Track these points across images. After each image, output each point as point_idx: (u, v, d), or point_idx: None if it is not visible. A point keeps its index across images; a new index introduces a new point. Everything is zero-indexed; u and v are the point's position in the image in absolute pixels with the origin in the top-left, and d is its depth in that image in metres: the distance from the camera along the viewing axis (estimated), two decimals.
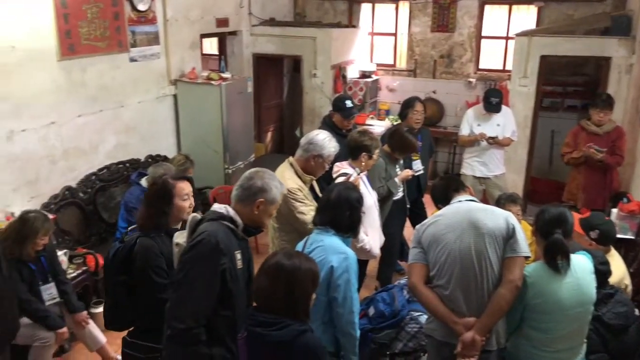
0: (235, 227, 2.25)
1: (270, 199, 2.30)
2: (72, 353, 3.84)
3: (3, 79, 3.89)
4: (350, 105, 4.22)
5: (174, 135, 5.77)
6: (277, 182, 2.34)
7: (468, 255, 2.48)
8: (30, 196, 4.19)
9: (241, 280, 2.23)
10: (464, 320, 2.50)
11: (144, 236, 2.60)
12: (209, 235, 2.13)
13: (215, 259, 2.12)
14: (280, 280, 1.94)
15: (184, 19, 5.68)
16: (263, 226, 2.37)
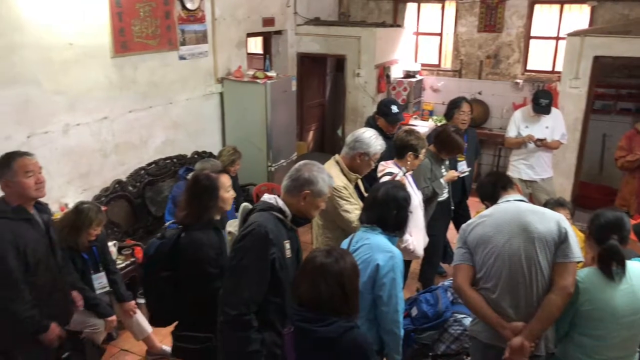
0: (284, 218, 2.31)
1: (317, 191, 2.34)
2: (119, 341, 3.96)
3: (61, 75, 4.05)
4: (396, 111, 4.18)
5: (219, 132, 5.87)
6: (325, 175, 2.37)
7: (517, 259, 2.43)
8: (82, 188, 4.34)
9: (290, 268, 2.30)
10: (512, 325, 2.46)
11: (190, 230, 2.64)
12: (259, 226, 2.22)
13: (265, 248, 2.20)
14: (328, 282, 1.93)
15: (231, 18, 5.77)
16: (310, 217, 2.43)
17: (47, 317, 2.70)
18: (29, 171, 2.58)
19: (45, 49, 3.91)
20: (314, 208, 2.39)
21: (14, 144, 3.65)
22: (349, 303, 1.95)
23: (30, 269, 2.59)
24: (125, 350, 3.88)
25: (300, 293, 1.96)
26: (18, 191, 2.58)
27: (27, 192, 2.60)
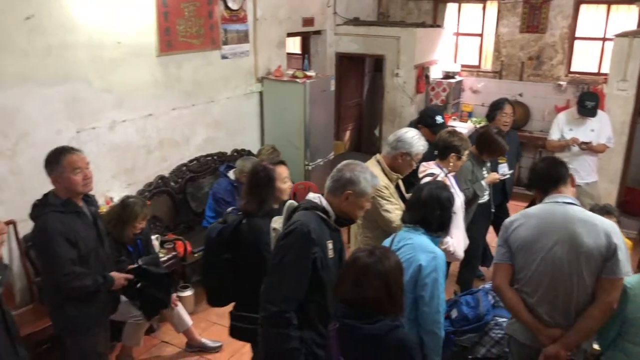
0: (328, 218, 2.32)
1: (359, 191, 2.32)
2: (159, 333, 4.05)
3: (109, 73, 4.18)
4: (441, 122, 4.14)
5: (258, 130, 5.94)
6: (367, 175, 2.35)
7: (560, 270, 2.38)
8: (127, 183, 4.46)
9: (332, 268, 2.30)
10: (550, 331, 2.42)
11: (250, 217, 2.78)
12: (301, 225, 2.22)
13: (307, 247, 2.20)
14: (372, 282, 1.93)
15: (273, 18, 5.83)
16: (354, 217, 2.41)
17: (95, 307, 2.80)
18: (77, 168, 2.66)
19: (95, 47, 4.04)
20: (357, 208, 2.36)
21: (65, 139, 3.78)
22: (394, 302, 1.96)
23: (82, 260, 2.69)
24: (165, 342, 3.97)
25: (344, 292, 1.97)
26: (66, 186, 2.67)
27: (75, 188, 2.69)
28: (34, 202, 2.76)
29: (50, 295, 2.80)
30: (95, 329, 2.83)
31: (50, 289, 2.76)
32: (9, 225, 3.62)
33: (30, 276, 3.74)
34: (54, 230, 2.58)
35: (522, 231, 2.50)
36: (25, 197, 3.58)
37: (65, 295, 2.67)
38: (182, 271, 4.35)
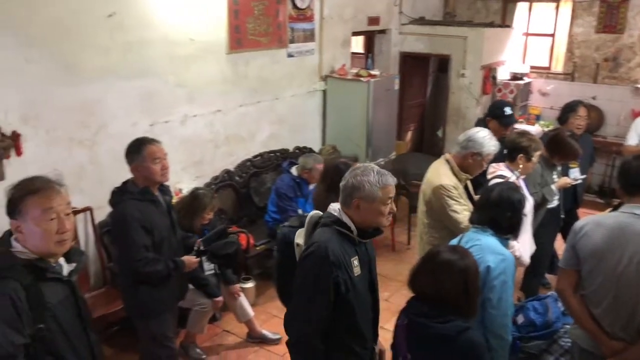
0: (350, 232, 2.13)
1: (366, 196, 2.08)
2: (222, 322, 4.17)
3: (182, 69, 4.34)
4: (509, 113, 4.03)
5: (320, 128, 5.99)
6: (371, 177, 2.09)
7: (627, 289, 2.27)
8: (195, 175, 4.62)
9: (361, 286, 2.16)
10: (613, 343, 2.33)
11: None
12: (319, 247, 2.08)
13: (325, 271, 2.05)
14: (453, 278, 1.92)
15: (338, 17, 5.87)
16: (377, 225, 2.17)
17: (166, 292, 2.92)
18: (156, 158, 2.78)
19: (170, 44, 4.21)
20: (375, 214, 2.11)
21: (139, 131, 3.94)
22: (470, 302, 1.94)
23: (156, 247, 2.81)
24: (227, 331, 4.08)
25: (419, 287, 1.97)
26: (145, 175, 2.80)
27: (154, 177, 2.81)
28: (113, 189, 2.91)
29: (124, 279, 2.94)
30: (165, 314, 2.95)
31: (125, 273, 2.90)
32: (85, 212, 3.85)
33: (103, 261, 3.94)
34: (131, 216, 2.71)
35: (591, 240, 2.37)
36: (103, 185, 3.78)
37: (138, 279, 2.80)
38: (244, 263, 4.45)
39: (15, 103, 3.35)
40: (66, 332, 1.83)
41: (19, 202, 1.80)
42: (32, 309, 1.73)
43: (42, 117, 3.50)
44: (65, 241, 1.85)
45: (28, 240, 1.80)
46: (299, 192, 4.66)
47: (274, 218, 4.72)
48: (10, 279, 1.74)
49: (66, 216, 1.85)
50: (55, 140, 3.60)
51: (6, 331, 1.68)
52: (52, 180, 1.86)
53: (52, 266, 1.84)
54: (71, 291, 1.90)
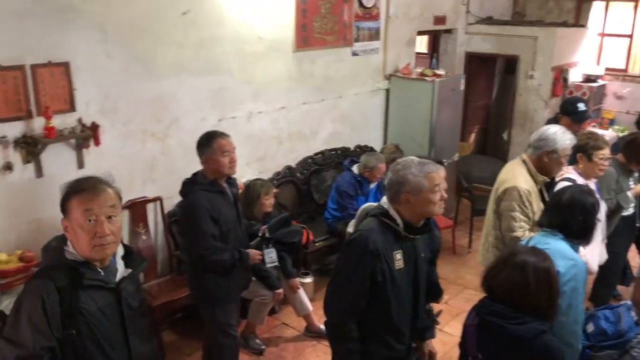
0: (396, 226, 2.13)
1: (413, 188, 2.07)
2: (281, 314, 4.24)
3: (250, 66, 4.44)
4: (583, 109, 3.89)
5: (382, 127, 5.97)
6: (413, 169, 2.09)
7: None
8: (258, 171, 4.72)
9: (401, 280, 2.16)
10: None
11: None
12: (360, 235, 2.12)
13: (364, 260, 2.08)
14: (538, 279, 1.88)
15: (404, 16, 5.83)
16: (430, 214, 2.15)
17: (232, 282, 3.01)
18: (225, 151, 2.89)
19: (239, 41, 4.32)
20: (426, 204, 2.10)
21: (208, 126, 4.06)
22: (552, 304, 1.90)
23: (222, 237, 2.91)
24: (285, 324, 4.14)
25: (495, 287, 1.93)
26: (215, 168, 2.90)
27: (222, 170, 2.91)
28: (184, 180, 3.03)
29: (192, 267, 3.06)
30: (230, 303, 3.04)
31: (193, 262, 3.01)
32: (156, 202, 4.02)
33: (170, 249, 4.10)
34: (200, 206, 2.82)
35: None
36: (173, 176, 3.95)
37: (205, 268, 2.90)
38: (303, 258, 4.51)
39: (96, 96, 3.55)
40: (100, 341, 1.72)
41: (66, 201, 1.74)
42: (64, 313, 1.66)
43: (119, 110, 3.69)
44: (103, 246, 1.72)
45: (73, 241, 1.73)
46: (360, 191, 4.67)
47: (333, 215, 4.75)
48: (47, 279, 1.69)
49: (108, 219, 1.72)
50: (130, 132, 3.78)
51: (32, 331, 1.63)
52: (100, 182, 1.78)
53: (95, 272, 1.74)
54: (116, 299, 1.77)
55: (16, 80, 3.16)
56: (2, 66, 3.09)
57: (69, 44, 3.35)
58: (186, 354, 3.75)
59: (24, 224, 3.34)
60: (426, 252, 2.31)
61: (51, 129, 3.25)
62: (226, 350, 3.08)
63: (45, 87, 3.28)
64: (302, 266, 4.49)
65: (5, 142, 3.17)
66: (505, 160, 6.43)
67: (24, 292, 1.72)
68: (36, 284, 1.71)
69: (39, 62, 3.24)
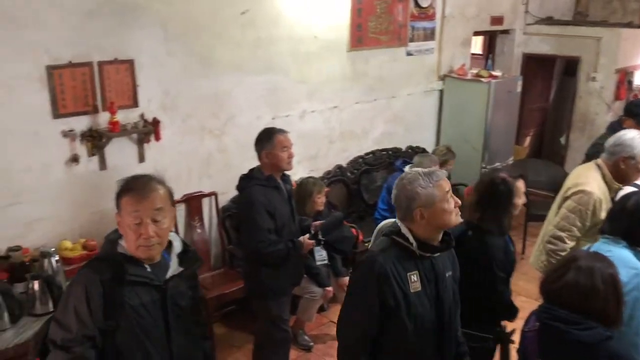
0: (410, 245, 1.95)
1: (425, 202, 1.92)
2: (329, 312, 4.27)
3: (305, 65, 4.49)
4: None
5: (434, 128, 5.91)
6: (421, 181, 1.94)
7: None
8: (310, 169, 4.75)
9: (421, 303, 1.96)
10: None
11: (477, 230, 2.54)
12: (368, 258, 1.99)
13: (371, 284, 1.93)
14: (605, 284, 1.83)
15: (460, 16, 5.74)
16: (448, 226, 1.98)
17: (285, 276, 3.07)
18: (285, 146, 2.96)
19: (294, 41, 4.38)
20: (441, 216, 1.93)
21: (263, 124, 4.10)
22: (619, 310, 1.84)
23: (277, 231, 2.96)
24: (333, 322, 4.15)
25: (559, 292, 1.88)
26: (273, 163, 2.96)
27: (281, 165, 2.97)
28: (241, 175, 3.10)
29: (247, 260, 3.13)
30: (283, 297, 3.09)
31: (248, 255, 3.08)
32: (211, 196, 4.12)
33: (224, 243, 4.20)
34: (257, 200, 2.88)
35: None
36: (228, 172, 4.05)
37: (260, 261, 2.96)
38: (352, 258, 4.51)
39: (158, 93, 3.67)
40: (140, 336, 1.74)
41: (118, 198, 1.77)
42: (107, 305, 1.69)
43: (179, 107, 3.81)
44: (148, 247, 1.74)
45: (123, 236, 1.78)
46: None
47: (383, 216, 4.72)
48: (93, 271, 1.73)
49: (154, 222, 1.73)
50: (189, 128, 3.89)
51: (76, 319, 1.68)
52: (151, 181, 1.79)
53: (140, 268, 1.76)
54: (161, 297, 1.78)
55: (84, 77, 3.32)
56: (72, 63, 3.26)
57: (134, 42, 3.49)
58: (236, 347, 3.83)
59: (87, 214, 3.50)
60: (453, 270, 2.10)
61: (115, 123, 3.40)
62: (278, 344, 3.13)
63: (111, 83, 3.43)
64: (351, 265, 4.49)
65: (73, 135, 3.34)
66: (562, 165, 6.23)
67: (74, 280, 1.78)
68: (83, 274, 1.75)
69: (106, 59, 3.39)
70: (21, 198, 3.21)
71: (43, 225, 3.31)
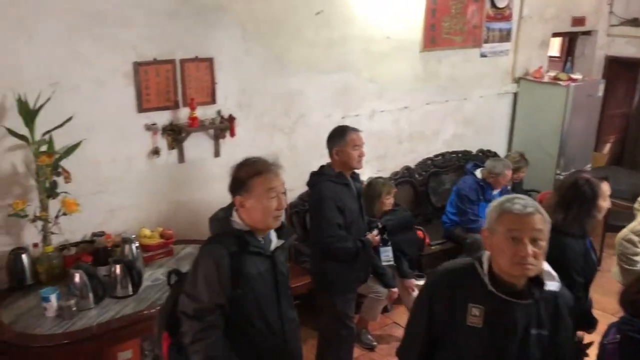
0: (483, 275, 1.71)
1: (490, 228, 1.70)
2: (393, 314, 4.24)
3: (376, 65, 4.49)
4: None
5: (507, 132, 5.74)
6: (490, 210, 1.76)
7: None
8: (377, 169, 4.74)
9: (474, 340, 1.70)
10: None
11: (557, 233, 2.30)
12: (430, 275, 1.89)
13: (424, 303, 1.80)
14: None
15: (539, 17, 5.55)
16: (521, 277, 1.68)
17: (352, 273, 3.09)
18: (357, 145, 2.98)
19: (366, 41, 4.39)
20: (505, 247, 1.65)
21: (333, 123, 4.11)
22: None
23: (346, 228, 2.98)
24: (397, 323, 4.14)
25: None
26: (344, 160, 2.99)
27: (351, 163, 2.99)
28: (311, 172, 3.15)
29: (315, 255, 3.17)
30: (349, 294, 3.12)
31: (317, 250, 3.12)
32: None
33: None
34: (327, 196, 2.92)
35: None
36: (297, 169, 4.09)
37: (328, 256, 3.00)
38: (418, 261, 4.47)
39: (234, 90, 3.79)
40: (259, 302, 1.97)
41: (247, 181, 1.98)
42: (233, 275, 1.90)
43: (253, 105, 3.92)
44: (279, 217, 2.02)
45: (250, 214, 1.97)
46: (482, 196, 4.53)
47: (451, 220, 4.66)
48: (220, 244, 1.95)
49: (283, 195, 2.03)
50: (261, 125, 3.99)
51: (207, 289, 1.90)
52: (271, 163, 2.05)
53: (257, 241, 1.99)
54: (272, 265, 2.02)
55: (167, 73, 3.49)
56: (157, 60, 3.43)
57: (214, 41, 3.62)
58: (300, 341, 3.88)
59: (164, 204, 3.67)
60: (541, 326, 1.71)
61: (194, 119, 3.54)
62: (342, 340, 3.15)
63: (191, 80, 3.58)
64: (416, 268, 4.45)
65: (155, 128, 3.51)
66: None
67: (200, 255, 1.99)
68: (211, 248, 1.98)
69: (187, 57, 3.54)
70: (106, 187, 3.42)
71: (124, 213, 3.51)
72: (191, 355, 1.90)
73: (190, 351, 1.90)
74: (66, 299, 2.80)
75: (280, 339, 2.05)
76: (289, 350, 2.10)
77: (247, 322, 1.97)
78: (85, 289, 2.85)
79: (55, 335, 2.65)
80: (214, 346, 1.89)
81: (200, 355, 1.88)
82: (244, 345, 1.98)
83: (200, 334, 1.88)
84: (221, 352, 1.90)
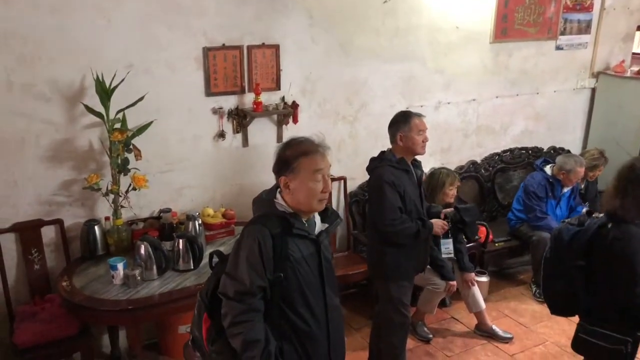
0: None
1: None
2: (451, 309, 4.15)
3: (443, 56, 4.40)
4: None
5: (582, 130, 5.44)
6: None
7: None
8: (441, 162, 4.63)
9: None
10: None
11: (619, 222, 2.30)
12: None
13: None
14: None
15: (623, 8, 5.22)
16: None
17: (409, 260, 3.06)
18: (421, 130, 2.95)
19: (434, 30, 4.31)
20: None
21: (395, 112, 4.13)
22: None
23: (407, 213, 2.95)
24: (455, 318, 4.04)
25: None
26: (407, 145, 2.96)
27: (414, 148, 2.96)
28: (371, 158, 3.14)
29: (372, 241, 3.16)
30: (405, 281, 3.08)
31: (375, 236, 3.10)
32: (340, 181, 4.22)
33: (349, 227, 4.27)
34: (387, 180, 2.90)
35: None
36: (357, 158, 4.13)
37: (387, 241, 2.97)
38: (480, 256, 4.34)
39: (298, 77, 3.84)
40: (302, 286, 1.89)
41: (292, 161, 1.90)
42: (276, 257, 1.85)
43: (317, 92, 3.95)
44: (324, 200, 1.95)
45: (294, 195, 1.91)
46: (551, 194, 4.34)
47: (517, 217, 4.50)
48: (263, 225, 1.88)
49: (329, 177, 1.96)
50: (324, 113, 4.02)
51: (249, 271, 1.83)
52: (319, 144, 1.97)
53: (301, 223, 1.92)
54: (316, 250, 1.94)
55: (235, 59, 3.59)
56: (225, 46, 3.54)
57: (281, 27, 3.69)
58: (355, 329, 3.88)
59: (228, 186, 3.79)
60: None
61: (259, 104, 3.62)
62: (397, 328, 3.11)
63: (258, 66, 3.67)
64: (478, 264, 4.33)
65: (222, 112, 3.62)
66: None
67: (243, 236, 1.93)
68: (254, 229, 1.90)
69: (255, 43, 3.63)
70: (175, 166, 3.57)
71: (190, 192, 3.65)
72: (230, 338, 1.86)
73: (229, 334, 1.86)
74: (132, 268, 2.97)
75: (324, 327, 1.97)
76: (331, 339, 2.00)
77: (290, 308, 1.90)
78: (149, 260, 3.00)
79: (120, 301, 2.81)
80: (254, 329, 1.83)
81: (240, 338, 1.83)
82: (285, 331, 1.91)
83: (241, 317, 1.83)
84: (261, 335, 1.83)
